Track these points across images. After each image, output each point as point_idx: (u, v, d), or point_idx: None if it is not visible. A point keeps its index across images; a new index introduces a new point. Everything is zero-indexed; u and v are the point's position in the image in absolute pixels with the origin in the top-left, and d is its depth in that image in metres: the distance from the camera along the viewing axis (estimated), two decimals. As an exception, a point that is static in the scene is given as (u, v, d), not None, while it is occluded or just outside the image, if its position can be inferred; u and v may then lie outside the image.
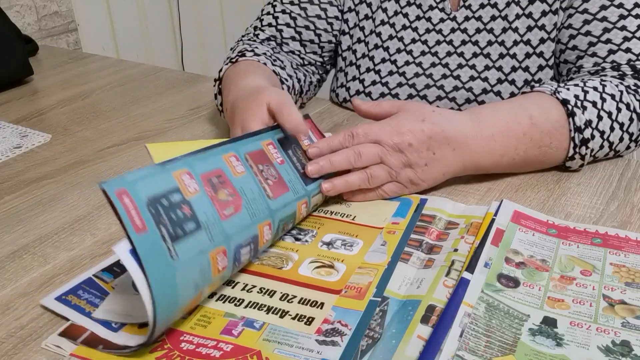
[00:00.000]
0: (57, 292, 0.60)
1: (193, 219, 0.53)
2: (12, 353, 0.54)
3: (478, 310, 0.55)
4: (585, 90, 0.77)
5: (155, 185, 0.52)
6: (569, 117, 0.74)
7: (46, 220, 0.74)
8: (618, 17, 0.83)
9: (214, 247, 0.54)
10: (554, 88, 0.77)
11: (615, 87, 0.78)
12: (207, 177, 0.57)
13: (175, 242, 0.51)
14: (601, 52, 0.84)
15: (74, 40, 1.83)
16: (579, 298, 0.57)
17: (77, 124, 1.03)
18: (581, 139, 0.75)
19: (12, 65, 1.21)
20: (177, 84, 1.20)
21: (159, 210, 0.50)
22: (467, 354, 0.50)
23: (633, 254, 0.62)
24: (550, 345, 0.51)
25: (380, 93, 0.98)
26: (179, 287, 0.51)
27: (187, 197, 0.54)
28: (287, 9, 1.01)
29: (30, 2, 1.67)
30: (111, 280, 0.61)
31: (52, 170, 0.87)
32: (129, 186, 0.49)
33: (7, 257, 0.67)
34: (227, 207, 0.57)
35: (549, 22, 0.89)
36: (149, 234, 0.49)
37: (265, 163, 0.65)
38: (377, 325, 0.54)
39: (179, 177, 0.54)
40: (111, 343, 0.53)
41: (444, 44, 0.95)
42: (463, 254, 0.62)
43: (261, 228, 0.60)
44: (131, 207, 0.49)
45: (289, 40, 1.01)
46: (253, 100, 0.74)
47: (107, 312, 0.56)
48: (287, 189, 0.65)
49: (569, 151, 0.75)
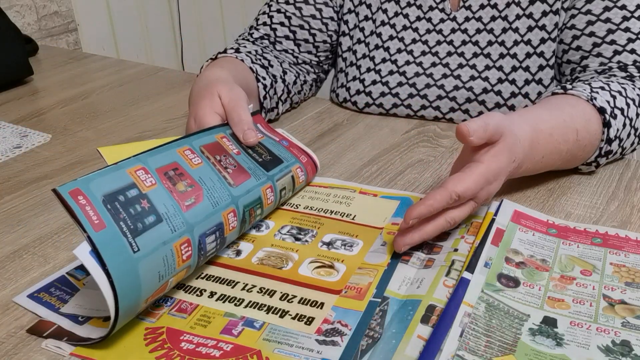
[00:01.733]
0: (29, 289, 0.61)
1: (153, 212, 0.53)
2: (12, 353, 0.54)
3: (478, 310, 0.55)
4: (613, 95, 0.76)
5: (110, 183, 0.52)
6: (604, 127, 0.74)
7: (46, 220, 0.74)
8: (622, 18, 0.84)
9: (177, 239, 0.54)
10: (589, 93, 0.75)
11: (633, 91, 0.78)
12: (163, 171, 0.57)
13: (136, 236, 0.51)
14: (606, 53, 0.84)
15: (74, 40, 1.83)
16: (579, 298, 0.57)
17: (77, 124, 1.03)
18: (606, 150, 0.75)
19: (12, 65, 1.21)
20: (177, 84, 1.20)
21: (116, 206, 0.51)
22: (467, 354, 0.50)
23: (633, 254, 0.62)
24: (551, 345, 0.51)
25: (380, 92, 0.98)
26: (142, 280, 0.51)
27: (144, 191, 0.54)
28: (282, 8, 1.02)
29: (30, 2, 1.67)
30: (83, 277, 0.62)
31: (52, 170, 0.87)
32: (83, 185, 0.50)
33: (7, 257, 0.67)
34: (187, 198, 0.57)
35: (550, 22, 0.89)
36: (107, 230, 0.49)
37: (223, 154, 0.65)
38: (377, 325, 0.54)
39: (133, 174, 0.54)
40: (75, 335, 0.54)
41: (445, 44, 0.95)
42: (463, 253, 0.62)
43: (225, 215, 0.60)
44: (87, 205, 0.49)
45: (282, 39, 1.02)
46: (207, 92, 0.74)
47: (76, 306, 0.58)
48: (249, 176, 0.65)
49: (590, 158, 0.75)
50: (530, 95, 0.91)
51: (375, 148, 0.88)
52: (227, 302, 0.58)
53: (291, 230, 0.68)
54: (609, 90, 0.77)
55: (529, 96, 0.91)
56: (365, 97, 0.99)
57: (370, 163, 0.84)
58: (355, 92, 1.00)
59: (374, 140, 0.91)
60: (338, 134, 0.94)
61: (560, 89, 0.78)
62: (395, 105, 0.98)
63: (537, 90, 0.91)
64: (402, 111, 0.98)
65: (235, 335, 0.54)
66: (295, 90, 1.01)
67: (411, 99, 0.96)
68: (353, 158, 0.86)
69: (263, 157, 0.70)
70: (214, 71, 0.84)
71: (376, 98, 0.98)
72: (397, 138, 0.91)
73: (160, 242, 0.53)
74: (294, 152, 0.75)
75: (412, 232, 0.62)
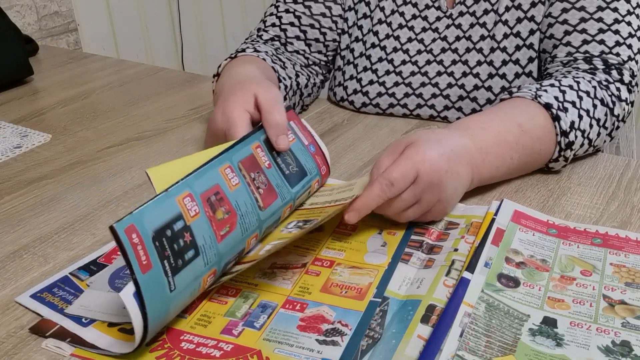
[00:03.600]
0: (33, 289, 0.61)
1: (193, 246, 0.54)
2: (12, 353, 0.54)
3: (478, 310, 0.55)
4: (563, 90, 0.77)
5: (161, 216, 0.52)
6: (554, 120, 0.74)
7: (46, 220, 0.74)
8: (596, 8, 0.84)
9: (207, 272, 0.55)
10: (534, 92, 0.76)
11: (588, 84, 0.79)
12: (206, 197, 0.57)
13: (175, 274, 0.52)
14: (575, 42, 0.84)
15: (74, 40, 1.83)
16: (579, 298, 0.57)
17: (77, 124, 1.03)
18: (567, 142, 0.75)
19: (12, 65, 1.21)
20: (177, 84, 1.20)
21: (163, 243, 0.51)
22: (467, 354, 0.50)
23: (633, 254, 0.62)
24: (551, 345, 0.51)
25: (377, 92, 0.98)
26: (169, 314, 0.53)
27: (188, 222, 0.54)
28: (291, 8, 1.00)
29: (30, 2, 1.67)
30: (86, 277, 0.62)
31: (52, 170, 0.87)
32: (137, 221, 0.50)
33: (7, 257, 0.67)
34: (223, 226, 0.57)
35: (538, 13, 0.89)
36: (152, 271, 0.50)
37: (257, 170, 0.65)
38: (377, 325, 0.54)
39: (181, 202, 0.55)
40: (79, 337, 0.54)
41: (439, 41, 0.95)
42: (463, 253, 0.62)
43: (249, 241, 0.61)
44: (138, 245, 0.49)
45: (293, 40, 1.01)
46: (240, 88, 0.73)
47: (80, 308, 0.58)
48: (276, 196, 0.65)
49: (554, 154, 0.76)
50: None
51: (376, 148, 0.88)
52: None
53: (297, 223, 0.68)
54: (558, 86, 0.77)
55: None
56: (363, 97, 0.99)
57: (370, 163, 0.84)
58: (353, 91, 1.00)
59: (373, 140, 0.91)
60: (338, 134, 0.94)
61: (507, 94, 0.79)
62: (391, 105, 0.98)
63: (527, 83, 0.91)
64: (398, 110, 0.98)
65: (236, 335, 0.54)
66: (307, 93, 1.01)
67: (407, 99, 0.97)
68: (353, 158, 0.86)
69: (290, 167, 0.69)
70: (245, 68, 0.83)
71: (373, 98, 0.98)
72: (396, 138, 0.91)
73: (193, 277, 0.54)
74: (317, 162, 0.74)
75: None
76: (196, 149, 0.91)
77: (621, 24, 0.83)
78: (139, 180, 0.83)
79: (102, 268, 0.64)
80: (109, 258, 0.65)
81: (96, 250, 0.67)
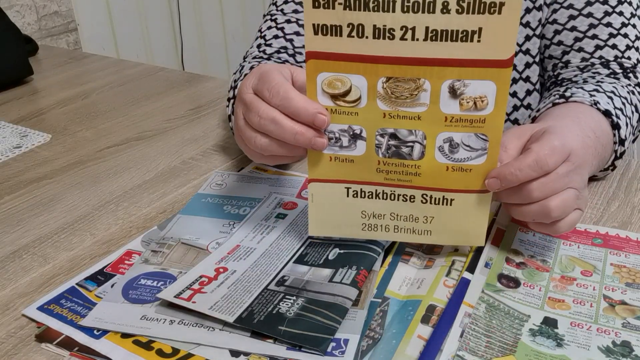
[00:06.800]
0: (39, 301, 0.59)
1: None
2: (12, 353, 0.54)
3: (478, 310, 0.54)
4: (610, 97, 0.75)
5: None
6: (614, 129, 0.72)
7: (46, 220, 0.74)
8: (603, 13, 0.84)
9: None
10: (591, 99, 0.73)
11: (623, 89, 0.78)
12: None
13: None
14: (588, 48, 0.84)
15: (74, 40, 1.83)
16: (579, 298, 0.57)
17: (77, 124, 1.03)
18: (622, 151, 0.73)
19: (12, 65, 1.21)
20: (177, 84, 1.20)
21: None
22: (467, 354, 0.50)
23: (633, 255, 0.62)
24: (551, 345, 0.51)
25: None
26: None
27: None
28: (292, 18, 0.94)
29: (30, 2, 1.67)
30: (94, 288, 0.61)
31: (52, 170, 0.87)
32: None
33: (7, 257, 0.67)
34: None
35: (534, 19, 0.89)
36: None
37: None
38: (377, 325, 0.54)
39: None
40: (90, 349, 0.53)
41: None
42: (463, 253, 0.62)
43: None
44: None
45: (301, 49, 0.93)
46: (275, 68, 0.62)
47: (95, 320, 0.56)
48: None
49: (608, 162, 0.74)
50: (518, 94, 0.91)
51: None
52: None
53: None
54: (603, 92, 0.76)
55: (517, 95, 0.91)
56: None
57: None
58: None
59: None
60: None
61: (560, 98, 0.75)
62: None
63: (524, 88, 0.90)
64: None
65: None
66: None
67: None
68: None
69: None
70: (269, 64, 0.78)
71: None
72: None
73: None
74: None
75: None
76: (196, 149, 0.91)
77: (628, 27, 0.83)
78: (139, 180, 0.83)
79: (110, 278, 0.62)
80: (116, 268, 0.63)
81: (96, 251, 0.67)
